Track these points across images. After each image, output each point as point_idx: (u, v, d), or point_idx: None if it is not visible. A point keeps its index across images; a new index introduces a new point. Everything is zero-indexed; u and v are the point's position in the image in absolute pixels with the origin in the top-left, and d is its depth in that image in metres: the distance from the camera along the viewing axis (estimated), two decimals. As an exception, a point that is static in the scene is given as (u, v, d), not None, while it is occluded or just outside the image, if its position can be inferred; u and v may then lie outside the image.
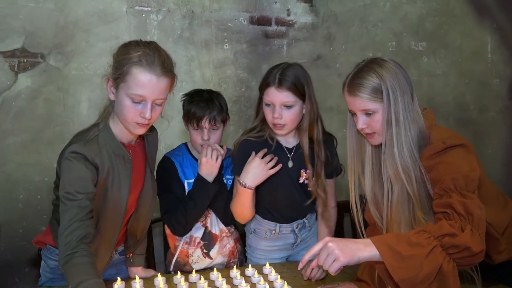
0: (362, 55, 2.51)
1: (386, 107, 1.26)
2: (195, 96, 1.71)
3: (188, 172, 1.73)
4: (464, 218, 1.14)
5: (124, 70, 1.27)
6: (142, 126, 1.32)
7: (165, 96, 1.33)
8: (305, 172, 1.70)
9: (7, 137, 2.04)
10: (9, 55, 2.02)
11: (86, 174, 1.28)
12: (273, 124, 1.61)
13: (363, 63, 1.32)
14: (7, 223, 1.97)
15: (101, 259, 1.43)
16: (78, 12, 2.09)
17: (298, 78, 1.60)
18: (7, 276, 2.00)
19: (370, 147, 1.38)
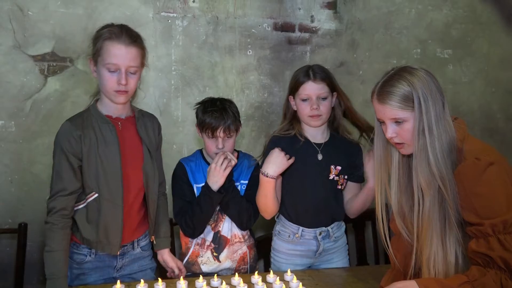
0: (386, 62, 2.50)
1: (417, 116, 1.24)
2: (209, 106, 1.73)
3: (198, 176, 1.78)
4: (504, 271, 1.17)
5: (98, 46, 1.49)
6: (121, 94, 1.51)
7: (136, 64, 1.51)
8: (335, 168, 1.75)
9: (35, 139, 2.10)
10: (39, 59, 2.08)
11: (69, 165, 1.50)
12: (311, 116, 1.72)
13: (392, 71, 1.30)
14: (35, 222, 2.02)
15: (113, 222, 1.54)
16: (106, 18, 2.13)
17: (327, 71, 1.76)
18: (34, 274, 2.05)
19: (397, 157, 1.36)
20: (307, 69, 1.73)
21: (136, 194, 1.59)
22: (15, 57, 2.05)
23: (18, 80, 2.07)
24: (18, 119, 2.08)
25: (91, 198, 1.53)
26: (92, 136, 1.51)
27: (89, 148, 1.50)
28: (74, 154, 1.50)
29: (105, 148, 1.52)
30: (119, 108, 1.57)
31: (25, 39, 2.06)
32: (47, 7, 2.07)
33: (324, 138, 1.79)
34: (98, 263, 1.58)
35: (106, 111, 1.56)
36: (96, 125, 1.53)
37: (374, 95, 1.31)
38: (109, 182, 1.52)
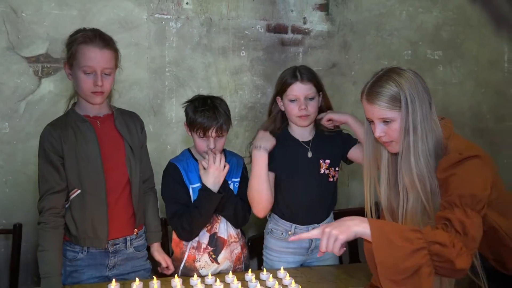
0: (378, 63, 2.53)
1: (404, 116, 1.27)
2: (200, 105, 1.69)
3: (192, 176, 1.74)
4: (459, 235, 1.17)
5: (73, 50, 1.55)
6: (97, 95, 1.57)
7: (110, 66, 1.58)
8: (324, 162, 1.79)
9: (29, 140, 2.10)
10: (34, 61, 2.09)
11: (51, 170, 1.55)
12: (299, 116, 1.75)
13: (381, 72, 1.34)
14: (29, 223, 2.03)
15: (98, 216, 1.59)
16: (101, 20, 2.15)
17: (313, 72, 1.79)
18: (29, 275, 2.06)
19: (386, 155, 1.39)
20: (294, 70, 1.76)
21: (121, 189, 1.64)
22: (9, 59, 2.06)
23: (12, 81, 2.07)
24: (12, 121, 2.08)
25: (74, 195, 1.58)
26: (71, 135, 1.58)
27: (69, 146, 1.57)
28: (56, 153, 1.56)
29: (84, 145, 1.58)
30: (96, 107, 1.63)
31: (19, 40, 2.07)
32: (41, 9, 2.08)
33: (311, 136, 1.84)
34: (90, 260, 1.60)
35: (84, 112, 1.63)
36: (74, 125, 1.60)
37: (363, 95, 1.34)
38: (90, 178, 1.58)
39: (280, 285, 1.47)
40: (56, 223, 1.53)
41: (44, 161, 1.57)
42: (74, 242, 1.60)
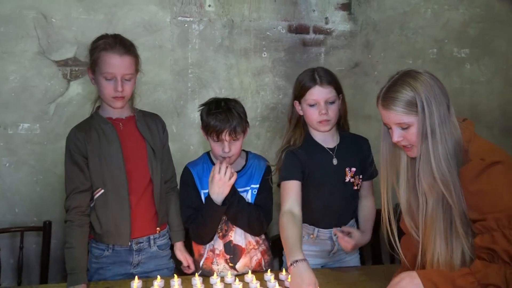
0: (402, 62, 2.50)
1: (421, 120, 1.25)
2: (213, 108, 1.65)
3: (205, 181, 1.68)
4: (508, 265, 1.17)
5: (95, 57, 1.61)
6: (118, 99, 1.63)
7: (131, 72, 1.62)
8: (349, 170, 1.75)
9: (59, 141, 2.18)
10: (62, 64, 2.17)
11: (76, 171, 1.62)
12: (319, 122, 1.69)
13: (396, 76, 1.32)
14: (58, 221, 2.11)
15: (121, 215, 1.63)
16: (126, 23, 2.21)
17: (332, 74, 1.73)
18: (57, 271, 2.14)
19: (405, 158, 1.37)
20: (313, 73, 1.70)
21: (143, 189, 1.68)
22: (40, 63, 2.15)
23: (43, 84, 2.16)
24: (43, 122, 2.17)
25: (98, 194, 1.64)
26: (95, 136, 1.64)
27: (92, 147, 1.63)
28: (80, 153, 1.63)
29: (107, 146, 1.63)
30: (118, 110, 1.69)
31: (49, 45, 2.15)
32: (70, 14, 2.16)
33: (335, 141, 1.78)
34: (115, 257, 1.66)
35: (107, 114, 1.69)
36: (98, 127, 1.66)
37: (379, 101, 1.33)
38: (113, 177, 1.63)
39: (299, 285, 1.47)
40: (81, 221, 1.60)
41: (70, 162, 1.64)
42: (99, 240, 1.66)
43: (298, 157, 1.72)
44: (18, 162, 2.15)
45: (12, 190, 2.15)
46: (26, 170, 2.16)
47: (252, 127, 1.84)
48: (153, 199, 1.70)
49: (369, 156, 1.81)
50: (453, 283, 1.17)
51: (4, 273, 1.98)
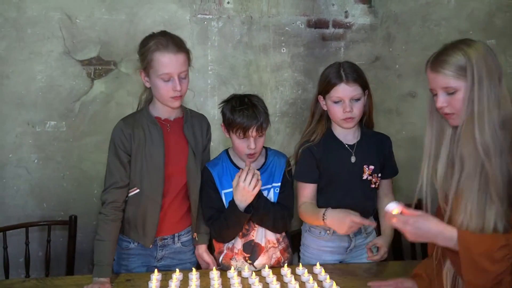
0: (424, 55, 2.38)
1: (469, 86, 1.22)
2: (238, 104, 1.63)
3: (226, 181, 1.69)
4: None
5: (148, 59, 1.57)
6: (177, 99, 1.60)
7: (186, 69, 1.61)
8: (368, 168, 1.73)
9: (84, 138, 2.26)
10: (86, 63, 2.24)
11: (118, 166, 1.62)
12: (344, 119, 1.68)
13: (450, 43, 1.30)
14: (84, 215, 2.19)
15: (150, 217, 1.65)
16: (147, 22, 2.26)
17: (358, 70, 1.70)
18: (83, 263, 2.21)
19: (450, 132, 1.34)
20: (338, 69, 1.67)
21: (178, 191, 1.69)
22: (65, 62, 2.22)
23: (68, 83, 2.23)
24: (69, 120, 2.25)
25: (132, 193, 1.65)
26: (141, 135, 1.63)
27: (137, 146, 1.62)
28: (125, 150, 1.63)
29: (151, 148, 1.63)
30: (170, 110, 1.66)
31: (74, 45, 2.22)
32: (93, 15, 2.22)
33: (356, 138, 1.76)
34: (140, 250, 1.70)
35: (157, 113, 1.67)
36: (145, 126, 1.64)
37: (428, 64, 1.31)
38: (151, 180, 1.63)
39: (314, 280, 1.47)
40: (115, 216, 1.61)
41: (113, 156, 1.63)
42: (126, 234, 1.70)
43: (314, 155, 1.72)
44: (45, 159, 2.24)
45: (40, 185, 2.24)
46: (53, 166, 2.24)
47: (271, 123, 1.84)
48: (185, 200, 1.71)
49: (390, 155, 1.80)
50: (489, 255, 1.16)
51: (33, 265, 2.07)
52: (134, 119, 1.67)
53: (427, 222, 1.24)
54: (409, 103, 2.42)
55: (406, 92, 2.42)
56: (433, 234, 1.24)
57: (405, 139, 2.40)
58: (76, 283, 1.57)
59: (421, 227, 1.24)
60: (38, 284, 1.56)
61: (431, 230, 1.23)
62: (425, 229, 1.24)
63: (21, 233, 2.02)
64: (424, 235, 1.25)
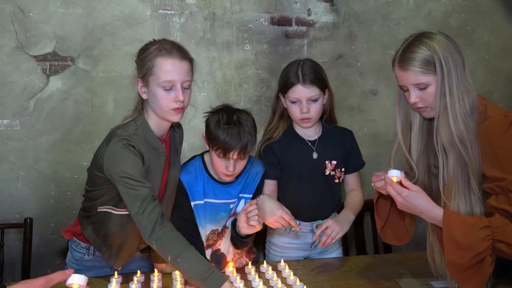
0: (384, 53, 2.49)
1: (439, 79, 1.26)
2: (224, 120, 1.49)
3: (197, 192, 1.58)
4: None
5: (149, 65, 1.41)
6: (178, 112, 1.43)
7: (190, 79, 1.46)
8: (330, 163, 1.74)
9: (39, 136, 2.16)
10: (41, 59, 2.14)
11: (138, 161, 1.40)
12: (301, 119, 1.69)
13: (411, 38, 1.33)
14: (40, 217, 2.10)
15: (130, 244, 1.52)
16: (105, 17, 2.18)
17: (318, 71, 1.70)
18: (40, 268, 2.12)
19: (418, 120, 1.38)
20: (297, 69, 1.67)
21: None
22: (18, 58, 2.11)
23: (22, 80, 2.13)
24: (23, 118, 2.14)
25: (120, 213, 1.48)
26: (146, 157, 1.44)
27: (144, 168, 1.42)
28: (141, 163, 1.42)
29: (153, 172, 1.45)
30: (165, 127, 1.49)
31: (27, 40, 2.12)
32: (48, 8, 2.12)
33: (317, 134, 1.78)
34: (95, 262, 1.60)
35: (154, 128, 1.47)
36: (148, 147, 1.45)
37: (395, 63, 1.33)
38: None
39: (279, 277, 1.48)
40: (171, 226, 1.38)
41: (133, 168, 1.38)
42: (95, 246, 1.54)
43: (274, 152, 1.72)
44: (-2, 159, 2.13)
45: (-7, 187, 2.12)
46: (6, 167, 2.13)
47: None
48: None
49: (353, 148, 1.82)
50: (471, 233, 1.21)
51: (-15, 271, 1.96)
52: (139, 137, 1.43)
53: (419, 198, 1.29)
54: (371, 100, 2.47)
55: (368, 90, 2.47)
56: (421, 210, 1.30)
57: (367, 135, 2.45)
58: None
59: (412, 202, 1.29)
60: (-10, 291, 1.48)
61: (420, 207, 1.29)
62: (415, 204, 1.30)
63: (-28, 237, 1.91)
64: (413, 209, 1.32)
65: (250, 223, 1.47)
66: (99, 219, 1.53)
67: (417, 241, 1.70)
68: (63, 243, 2.06)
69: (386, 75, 2.48)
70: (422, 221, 1.46)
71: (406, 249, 2.00)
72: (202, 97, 2.31)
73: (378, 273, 1.58)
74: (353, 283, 1.51)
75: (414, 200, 1.29)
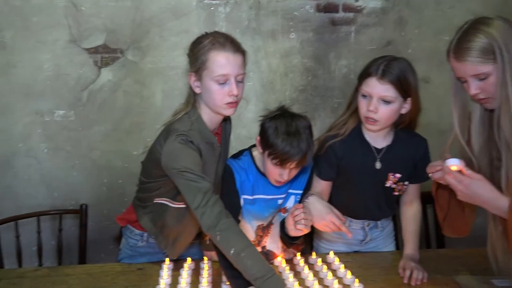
0: (437, 39, 2.37)
1: (500, 67, 1.18)
2: (283, 128, 1.43)
3: (246, 188, 1.55)
4: None
5: (202, 59, 1.41)
6: (232, 106, 1.43)
7: (243, 72, 1.45)
8: (393, 176, 1.62)
9: (93, 127, 2.25)
10: (93, 52, 2.21)
11: (197, 157, 1.40)
12: (366, 117, 1.52)
13: (466, 25, 1.24)
14: (94, 204, 2.20)
15: (187, 235, 1.54)
16: (152, 9, 2.22)
17: (404, 73, 1.51)
18: (95, 252, 2.23)
19: (479, 112, 1.31)
20: (381, 62, 1.50)
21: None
22: (71, 51, 2.19)
23: (75, 72, 2.21)
24: (77, 109, 2.23)
25: (177, 206, 1.51)
26: (203, 152, 1.45)
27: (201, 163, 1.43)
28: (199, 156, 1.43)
29: (205, 167, 1.45)
30: (218, 120, 1.50)
31: (80, 33, 2.19)
32: (98, 2, 2.18)
33: (386, 142, 1.60)
34: (149, 249, 1.64)
35: (207, 122, 1.48)
36: (207, 142, 1.47)
37: (450, 54, 1.26)
38: None
39: (329, 269, 1.46)
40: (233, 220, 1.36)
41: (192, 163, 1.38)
42: (152, 235, 1.57)
43: (335, 153, 1.58)
44: (55, 148, 2.23)
45: (51, 175, 2.24)
46: (63, 156, 2.24)
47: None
48: None
49: (424, 159, 1.62)
50: None
51: (46, 254, 2.09)
52: (195, 131, 1.44)
53: (482, 187, 1.22)
54: (422, 88, 2.31)
55: (420, 78, 2.35)
56: (484, 200, 1.22)
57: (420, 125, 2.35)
58: (87, 272, 1.57)
59: (474, 191, 1.22)
60: (50, 273, 1.56)
61: (483, 196, 1.22)
62: (478, 193, 1.22)
63: (33, 222, 2.03)
64: (475, 199, 1.23)
65: (297, 227, 1.43)
66: (156, 210, 1.54)
67: (472, 237, 1.63)
68: (116, 229, 2.16)
69: (439, 61, 2.36)
70: (478, 216, 1.39)
71: (461, 244, 1.91)
72: (247, 87, 2.24)
73: (433, 268, 1.52)
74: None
75: (476, 189, 1.21)
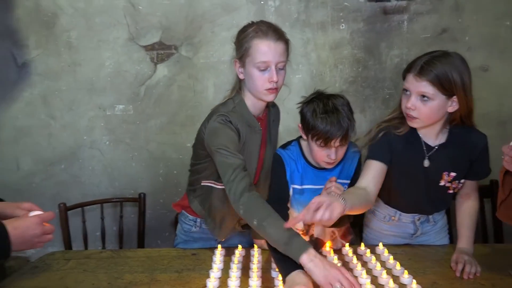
0: (497, 25, 2.26)
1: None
2: (320, 108, 1.46)
3: (295, 178, 1.57)
4: None
5: (246, 47, 1.48)
6: (272, 92, 1.49)
7: (285, 59, 1.50)
8: (447, 175, 1.57)
9: (149, 120, 2.37)
10: (150, 49, 2.33)
11: (235, 137, 1.47)
12: (406, 113, 1.49)
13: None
14: (151, 193, 2.32)
15: (233, 216, 1.59)
16: (205, 5, 2.29)
17: (446, 70, 1.42)
18: (152, 239, 2.36)
19: None
20: (424, 59, 1.44)
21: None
22: (130, 48, 2.33)
23: (133, 68, 2.34)
24: (135, 103, 2.36)
25: (223, 187, 1.48)
26: (243, 134, 1.51)
27: (240, 144, 1.50)
28: (238, 138, 1.49)
29: (247, 151, 1.51)
30: (261, 106, 1.55)
31: (137, 31, 2.32)
32: (154, 1, 2.29)
33: (440, 140, 1.55)
34: (202, 234, 1.72)
35: (250, 108, 1.55)
36: (246, 125, 1.52)
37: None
38: None
39: (377, 260, 1.46)
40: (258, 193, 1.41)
41: (228, 140, 1.45)
42: (199, 216, 1.65)
43: (390, 143, 1.54)
44: (116, 140, 2.38)
45: (112, 165, 2.40)
46: (122, 148, 2.39)
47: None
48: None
49: (482, 157, 1.56)
50: None
51: (108, 239, 2.24)
52: (236, 114, 1.51)
53: None
54: (480, 77, 2.26)
55: (478, 66, 2.26)
56: None
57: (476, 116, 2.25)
58: (146, 255, 1.67)
59: None
60: (113, 255, 1.68)
61: None
62: None
63: (97, 209, 2.19)
64: None
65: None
66: (204, 193, 1.63)
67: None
68: (171, 217, 2.27)
69: (499, 48, 2.25)
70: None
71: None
72: (296, 79, 2.33)
73: (489, 263, 1.47)
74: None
75: None
